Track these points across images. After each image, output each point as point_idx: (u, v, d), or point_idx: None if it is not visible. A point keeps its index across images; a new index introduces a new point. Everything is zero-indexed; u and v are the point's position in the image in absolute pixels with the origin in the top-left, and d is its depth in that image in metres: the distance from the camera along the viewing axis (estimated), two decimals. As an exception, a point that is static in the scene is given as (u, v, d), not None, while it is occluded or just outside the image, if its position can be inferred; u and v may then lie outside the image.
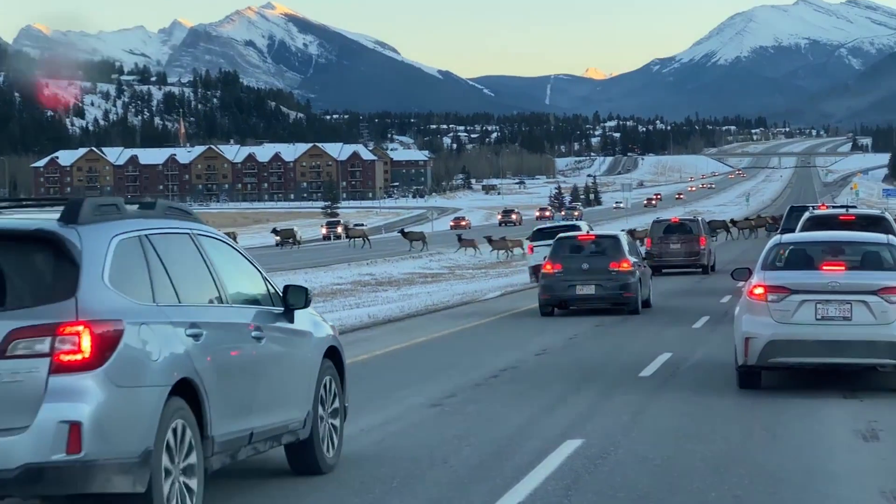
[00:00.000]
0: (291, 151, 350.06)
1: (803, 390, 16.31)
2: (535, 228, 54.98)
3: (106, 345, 8.28)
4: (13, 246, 8.49)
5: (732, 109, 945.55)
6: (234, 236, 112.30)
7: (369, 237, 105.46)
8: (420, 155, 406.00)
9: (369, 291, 43.25)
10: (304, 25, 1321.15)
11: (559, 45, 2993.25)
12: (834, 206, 43.54)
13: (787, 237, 18.23)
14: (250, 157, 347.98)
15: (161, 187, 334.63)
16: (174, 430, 8.78)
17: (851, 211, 30.05)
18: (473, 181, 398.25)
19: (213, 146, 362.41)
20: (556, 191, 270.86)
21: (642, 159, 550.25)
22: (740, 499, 10.15)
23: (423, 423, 14.41)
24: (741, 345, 16.17)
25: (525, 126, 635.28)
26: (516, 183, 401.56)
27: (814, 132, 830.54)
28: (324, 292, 41.82)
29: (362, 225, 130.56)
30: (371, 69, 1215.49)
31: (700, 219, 56.28)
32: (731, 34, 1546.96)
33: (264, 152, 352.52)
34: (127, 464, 8.30)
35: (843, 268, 16.27)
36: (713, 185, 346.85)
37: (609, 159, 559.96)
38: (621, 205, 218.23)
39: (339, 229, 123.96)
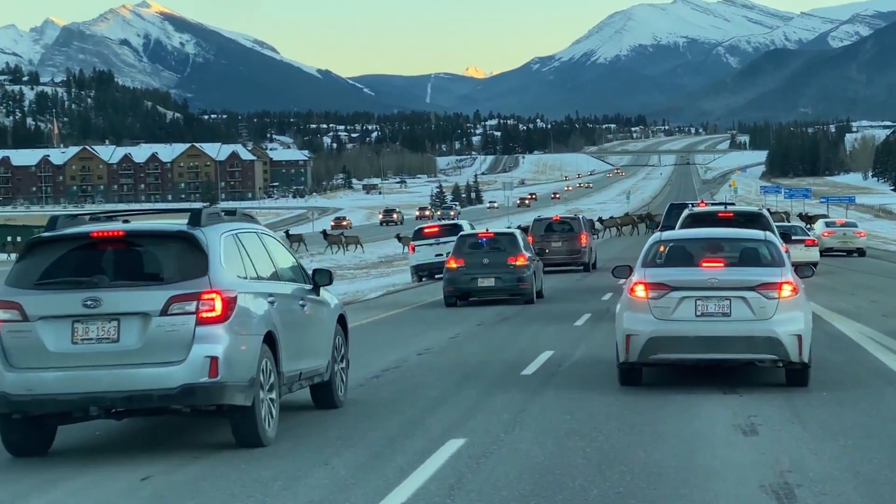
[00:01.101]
0: (169, 152, 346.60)
1: (684, 386, 16.42)
2: (415, 228, 54.97)
3: (229, 306, 12.26)
4: (164, 241, 12.57)
5: (612, 108, 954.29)
6: None
7: None
8: (300, 155, 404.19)
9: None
10: (181, 24, 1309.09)
11: (439, 43, 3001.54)
12: (713, 204, 44.03)
13: (667, 234, 18.36)
14: (126, 158, 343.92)
15: (34, 189, 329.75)
16: (263, 366, 12.73)
17: (730, 208, 30.38)
18: (354, 181, 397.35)
19: (87, 147, 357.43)
20: (438, 190, 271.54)
21: (523, 158, 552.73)
22: (622, 495, 10.16)
23: (303, 424, 14.28)
24: (622, 342, 16.23)
25: (406, 125, 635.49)
26: (397, 182, 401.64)
27: (693, 130, 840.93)
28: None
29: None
30: (249, 69, 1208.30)
31: (581, 217, 56.63)
32: (611, 33, 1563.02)
33: (141, 153, 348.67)
34: (242, 385, 12.30)
35: (722, 264, 16.39)
36: (591, 185, 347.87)
37: (490, 158, 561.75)
38: (496, 204, 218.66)
39: None
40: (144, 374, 12.01)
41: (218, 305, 12.18)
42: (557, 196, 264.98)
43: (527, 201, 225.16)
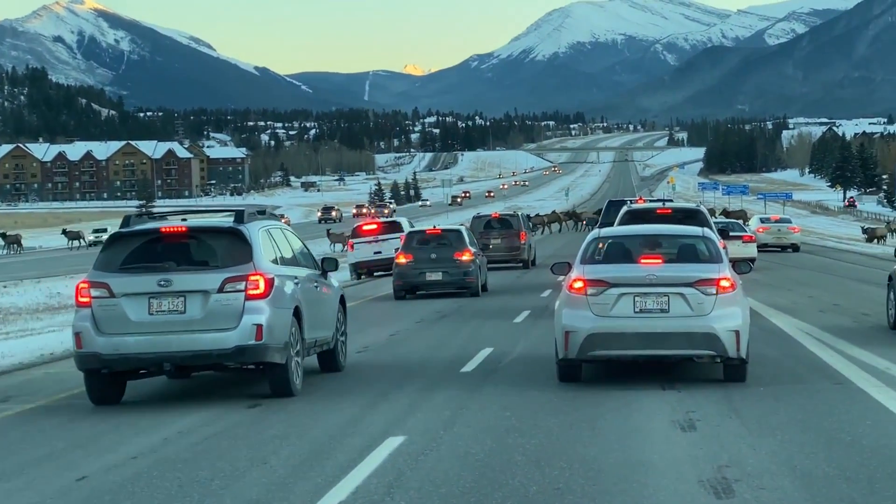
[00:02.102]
0: (104, 150, 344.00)
1: (623, 383, 16.46)
2: (353, 226, 54.82)
3: (269, 286, 15.56)
4: (217, 235, 15.89)
5: (551, 105, 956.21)
6: (18, 239, 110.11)
7: None
8: (237, 152, 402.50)
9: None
10: (115, 21, 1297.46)
11: (377, 40, 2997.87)
12: (651, 200, 44.18)
13: (606, 231, 18.34)
14: (60, 156, 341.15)
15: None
16: (292, 333, 16.00)
17: (668, 204, 30.55)
18: (292, 178, 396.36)
19: (20, 145, 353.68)
20: (377, 187, 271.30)
21: (462, 155, 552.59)
22: (561, 491, 10.16)
23: (241, 423, 14.21)
24: (561, 338, 16.22)
25: (344, 122, 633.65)
26: (336, 180, 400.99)
27: (631, 127, 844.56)
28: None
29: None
30: (185, 66, 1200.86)
31: (520, 214, 56.57)
32: (549, 30, 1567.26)
33: (75, 150, 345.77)
34: (278, 347, 15.59)
35: (660, 261, 16.42)
36: (527, 183, 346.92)
37: (429, 155, 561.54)
38: (428, 203, 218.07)
39: None
40: (206, 338, 15.29)
41: (261, 285, 15.45)
42: (492, 194, 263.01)
43: (459, 199, 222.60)
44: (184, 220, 16.67)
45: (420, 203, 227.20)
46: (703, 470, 10.82)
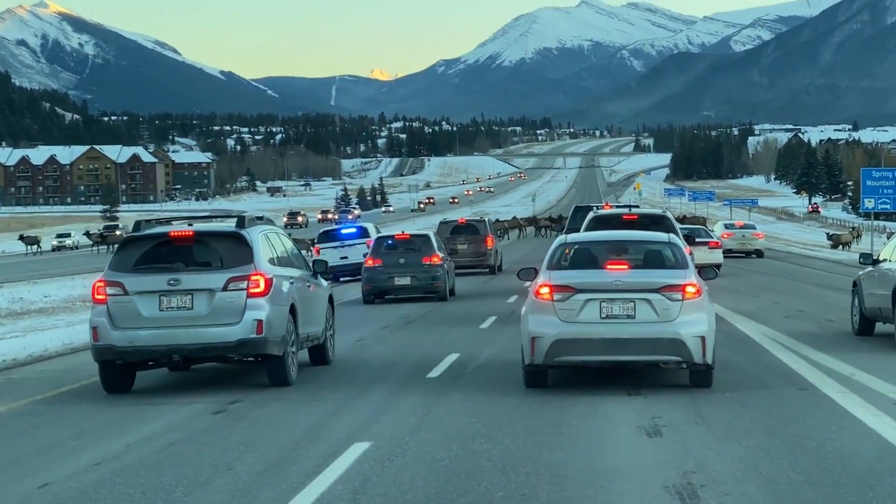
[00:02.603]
0: (68, 154, 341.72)
1: (589, 388, 16.45)
2: (320, 231, 54.70)
3: (269, 285, 17.04)
4: (222, 238, 17.41)
5: (518, 110, 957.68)
6: None
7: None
8: (203, 157, 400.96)
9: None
10: (79, 25, 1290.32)
11: (344, 45, 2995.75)
12: (618, 206, 44.29)
13: (572, 237, 18.34)
14: (24, 160, 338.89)
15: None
16: (289, 328, 17.51)
17: (634, 210, 30.55)
18: (258, 183, 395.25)
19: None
20: (343, 192, 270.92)
21: (429, 160, 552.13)
22: (527, 497, 10.15)
23: (207, 429, 14.14)
24: (528, 344, 16.20)
25: (310, 127, 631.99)
26: (302, 185, 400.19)
27: (597, 132, 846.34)
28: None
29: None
30: (150, 70, 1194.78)
31: (487, 219, 56.57)
32: (516, 35, 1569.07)
33: (39, 155, 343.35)
34: (277, 341, 17.09)
35: (626, 267, 16.42)
36: (492, 189, 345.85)
37: (395, 160, 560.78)
38: (391, 209, 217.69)
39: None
40: (211, 332, 16.78)
41: (262, 284, 16.95)
42: (456, 200, 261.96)
43: (421, 205, 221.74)
44: (190, 224, 18.34)
45: (384, 209, 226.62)
46: (669, 476, 10.82)
